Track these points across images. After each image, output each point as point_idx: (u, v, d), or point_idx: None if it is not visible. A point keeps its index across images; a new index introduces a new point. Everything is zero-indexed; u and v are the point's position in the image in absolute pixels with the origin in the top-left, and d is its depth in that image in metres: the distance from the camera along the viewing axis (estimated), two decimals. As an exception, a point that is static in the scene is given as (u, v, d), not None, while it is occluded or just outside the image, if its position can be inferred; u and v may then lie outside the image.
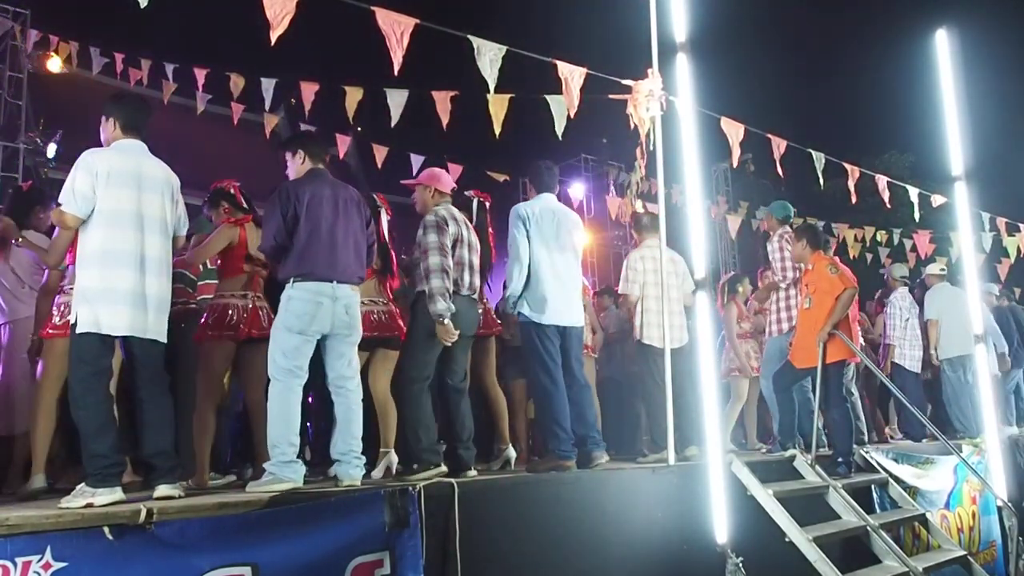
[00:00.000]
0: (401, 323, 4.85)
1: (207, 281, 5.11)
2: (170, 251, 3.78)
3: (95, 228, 3.54)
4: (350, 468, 3.93)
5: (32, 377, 4.50)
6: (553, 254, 4.84)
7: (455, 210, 4.73)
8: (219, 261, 4.66)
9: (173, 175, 3.83)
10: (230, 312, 4.44)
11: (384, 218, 4.91)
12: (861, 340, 7.28)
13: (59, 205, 3.58)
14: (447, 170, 9.91)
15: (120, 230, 3.54)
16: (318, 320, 3.93)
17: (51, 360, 4.13)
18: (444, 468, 4.26)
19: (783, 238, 6.27)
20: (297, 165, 4.22)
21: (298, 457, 3.85)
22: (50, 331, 4.15)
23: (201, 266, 5.04)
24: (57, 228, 3.88)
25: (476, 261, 4.76)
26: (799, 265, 6.06)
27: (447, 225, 4.54)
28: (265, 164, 4.23)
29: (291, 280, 3.96)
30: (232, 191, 4.83)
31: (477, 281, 4.76)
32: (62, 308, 4.10)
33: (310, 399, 5.02)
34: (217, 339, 4.40)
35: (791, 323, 6.06)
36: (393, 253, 4.98)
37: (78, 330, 3.49)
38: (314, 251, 3.96)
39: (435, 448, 4.38)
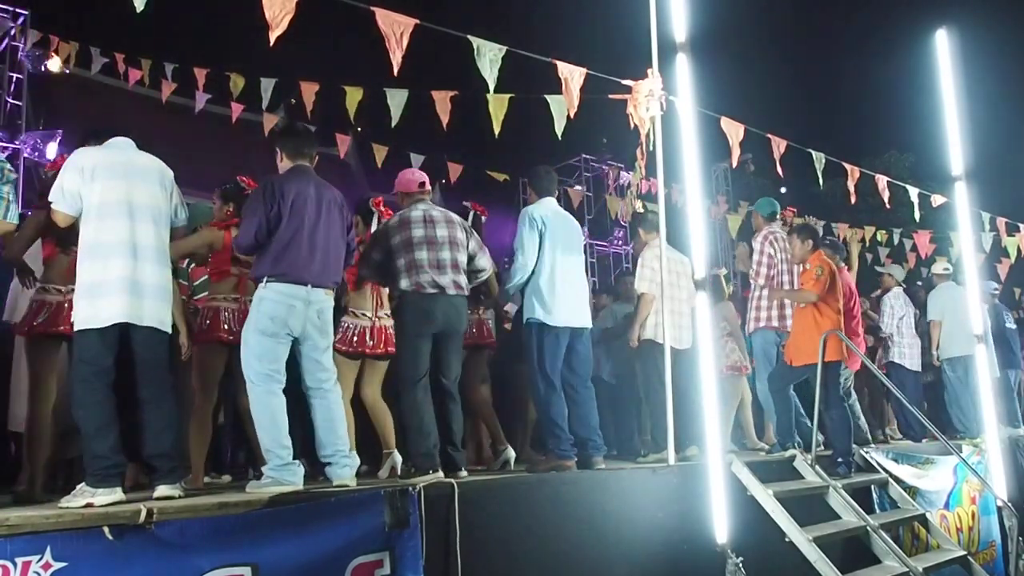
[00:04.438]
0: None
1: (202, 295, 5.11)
2: (167, 240, 3.75)
3: (87, 223, 3.55)
4: (340, 468, 3.90)
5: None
6: (564, 257, 4.86)
7: (417, 212, 4.62)
8: (207, 266, 4.62)
9: (166, 167, 3.82)
10: (223, 315, 4.41)
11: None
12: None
13: (51, 204, 3.59)
14: (447, 170, 9.96)
15: (110, 221, 3.53)
16: (289, 323, 3.85)
17: (31, 364, 3.98)
18: (440, 474, 4.17)
19: (767, 239, 6.15)
20: (278, 163, 4.17)
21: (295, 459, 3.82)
22: (26, 329, 3.96)
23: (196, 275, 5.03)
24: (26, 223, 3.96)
25: (458, 258, 4.61)
26: (782, 265, 6.05)
27: (384, 239, 4.55)
28: (265, 164, 4.19)
29: (264, 280, 3.87)
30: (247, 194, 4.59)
31: (454, 278, 4.55)
32: (34, 305, 3.95)
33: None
34: (210, 342, 4.37)
35: (758, 324, 6.05)
36: None
37: (77, 327, 3.47)
38: (293, 252, 3.86)
39: (431, 453, 4.27)
